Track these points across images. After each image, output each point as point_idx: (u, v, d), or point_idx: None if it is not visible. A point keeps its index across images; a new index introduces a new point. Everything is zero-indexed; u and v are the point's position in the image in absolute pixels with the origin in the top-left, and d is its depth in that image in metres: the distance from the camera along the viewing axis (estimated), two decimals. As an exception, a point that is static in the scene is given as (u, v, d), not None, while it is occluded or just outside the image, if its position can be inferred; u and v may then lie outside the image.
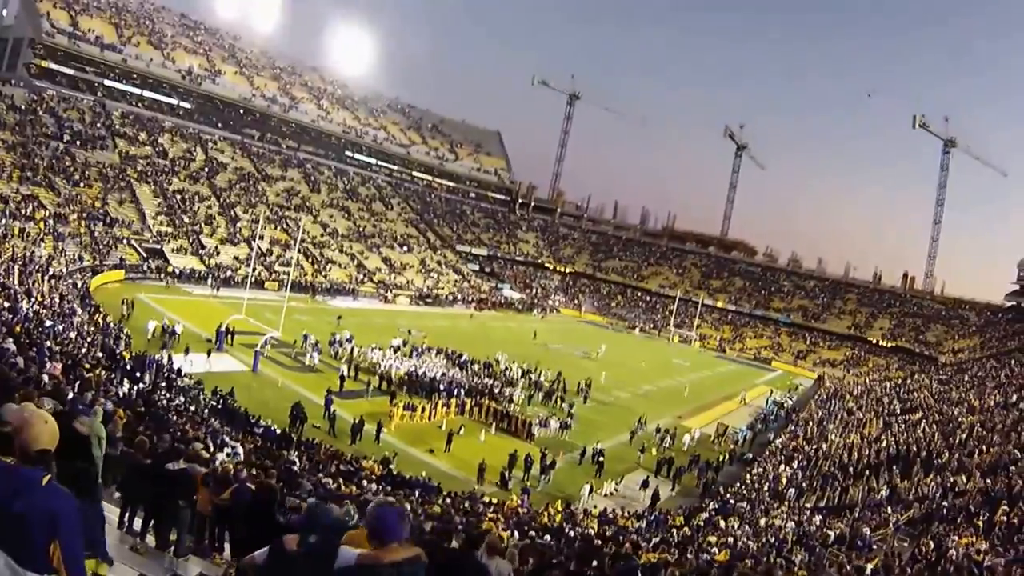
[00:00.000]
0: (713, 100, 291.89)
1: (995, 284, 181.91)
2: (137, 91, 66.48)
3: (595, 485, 24.69)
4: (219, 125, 73.38)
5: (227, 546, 8.54)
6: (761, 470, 29.20)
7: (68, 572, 2.57)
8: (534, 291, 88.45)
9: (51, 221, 40.86)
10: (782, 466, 28.67)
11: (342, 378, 29.83)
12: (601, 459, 26.71)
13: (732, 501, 23.97)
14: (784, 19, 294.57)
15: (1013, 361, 47.38)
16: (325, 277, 59.14)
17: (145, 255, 47.50)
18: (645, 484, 25.78)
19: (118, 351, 23.62)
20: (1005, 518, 16.83)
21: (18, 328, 17.20)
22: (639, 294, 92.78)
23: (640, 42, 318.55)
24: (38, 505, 2.56)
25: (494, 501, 20.40)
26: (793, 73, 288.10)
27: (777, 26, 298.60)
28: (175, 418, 15.90)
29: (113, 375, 18.85)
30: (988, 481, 20.22)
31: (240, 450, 14.59)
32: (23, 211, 39.37)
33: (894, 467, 25.24)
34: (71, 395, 10.68)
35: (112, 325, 28.62)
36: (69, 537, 2.60)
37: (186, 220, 54.46)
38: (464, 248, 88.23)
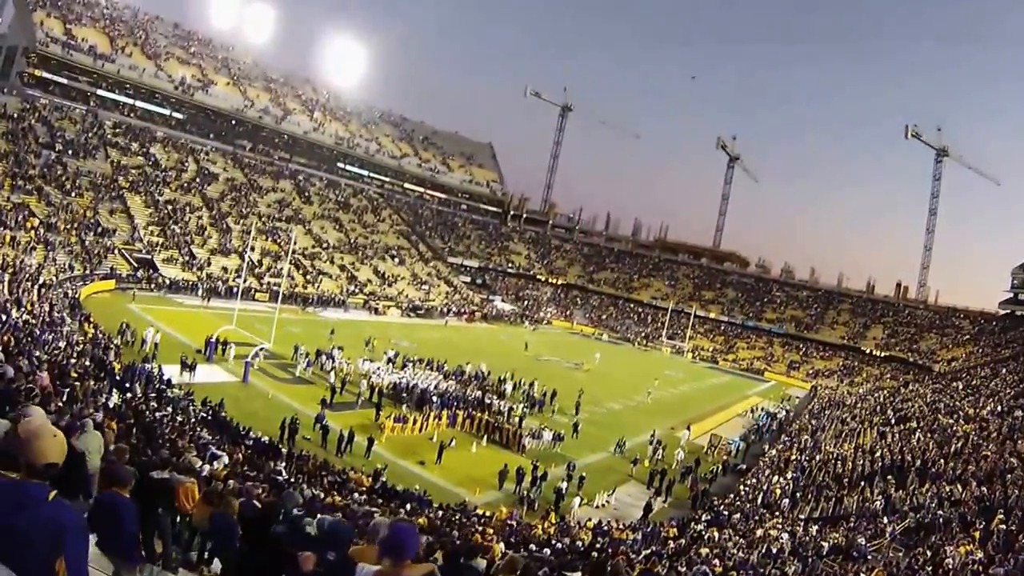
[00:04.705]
0: (706, 112, 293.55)
1: (989, 292, 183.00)
2: (130, 101, 66.40)
3: (585, 497, 24.53)
4: (211, 136, 73.28)
5: (216, 561, 8.39)
6: (755, 481, 29.05)
7: None
8: (526, 303, 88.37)
9: (42, 230, 40.62)
10: (776, 477, 28.53)
11: (332, 390, 29.60)
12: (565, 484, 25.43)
13: (726, 512, 23.82)
14: (778, 32, 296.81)
15: (1004, 370, 47.45)
16: (316, 288, 58.93)
17: (136, 265, 47.24)
18: (657, 493, 26.60)
19: (108, 361, 23.39)
20: (1003, 527, 16.75)
21: (7, 337, 16.98)
22: (631, 305, 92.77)
23: (632, 56, 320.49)
24: (44, 520, 2.53)
25: (485, 513, 20.21)
26: (785, 85, 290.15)
27: (770, 40, 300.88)
28: (164, 429, 15.70)
29: (102, 385, 18.63)
30: (984, 490, 20.16)
31: (225, 459, 14.42)
32: (15, 220, 39.11)
33: (889, 477, 25.15)
34: (58, 406, 10.53)
35: (103, 335, 28.34)
36: (75, 553, 2.58)
37: (177, 230, 54.22)
38: (456, 260, 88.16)
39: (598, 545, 16.73)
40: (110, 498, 5.95)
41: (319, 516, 8.22)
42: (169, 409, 20.42)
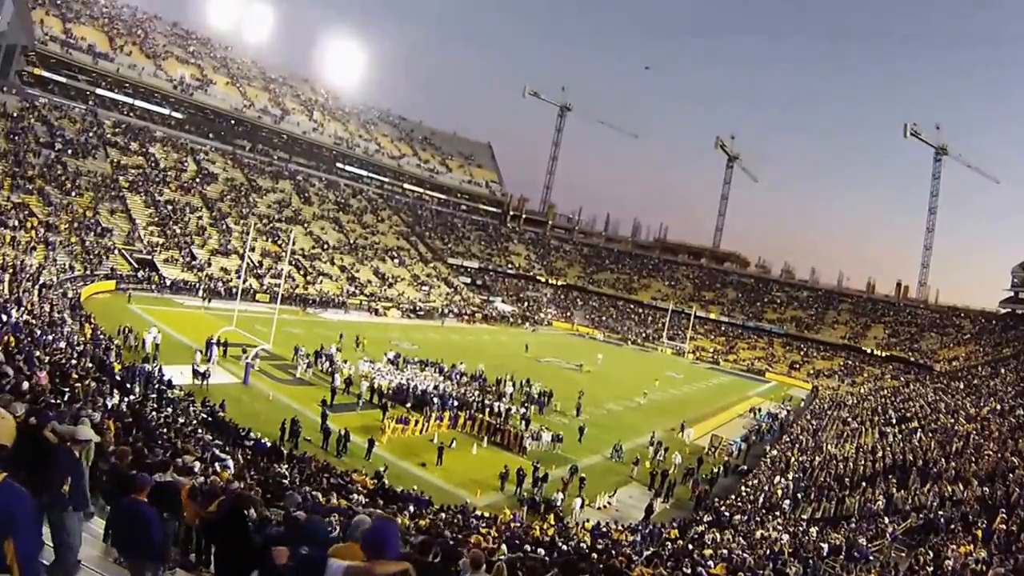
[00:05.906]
0: (704, 111, 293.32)
1: (989, 291, 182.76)
2: (129, 100, 66.37)
3: (587, 498, 24.42)
4: (210, 135, 73.24)
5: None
6: (756, 482, 28.97)
7: (21, 570, 2.56)
8: (526, 304, 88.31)
9: (42, 230, 40.54)
10: (777, 477, 28.47)
11: (333, 391, 29.52)
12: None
13: (727, 513, 23.75)
14: (777, 32, 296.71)
15: (1005, 369, 47.41)
16: (317, 289, 58.88)
17: (136, 265, 47.18)
18: (658, 495, 26.37)
19: (108, 362, 23.30)
20: (1004, 526, 16.70)
21: (7, 337, 16.91)
22: (631, 306, 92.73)
23: (631, 54, 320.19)
24: None
25: (486, 515, 20.14)
26: (784, 83, 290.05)
27: (771, 39, 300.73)
28: (165, 430, 15.64)
29: (103, 386, 18.55)
30: (986, 489, 20.12)
31: (230, 463, 14.35)
32: (15, 220, 39.02)
33: (890, 477, 25.11)
34: (60, 405, 10.50)
35: (103, 335, 28.25)
36: (24, 535, 2.61)
37: (177, 231, 54.15)
38: (455, 261, 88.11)
39: (599, 546, 16.66)
40: (133, 506, 5.98)
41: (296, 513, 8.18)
42: (170, 410, 20.37)
